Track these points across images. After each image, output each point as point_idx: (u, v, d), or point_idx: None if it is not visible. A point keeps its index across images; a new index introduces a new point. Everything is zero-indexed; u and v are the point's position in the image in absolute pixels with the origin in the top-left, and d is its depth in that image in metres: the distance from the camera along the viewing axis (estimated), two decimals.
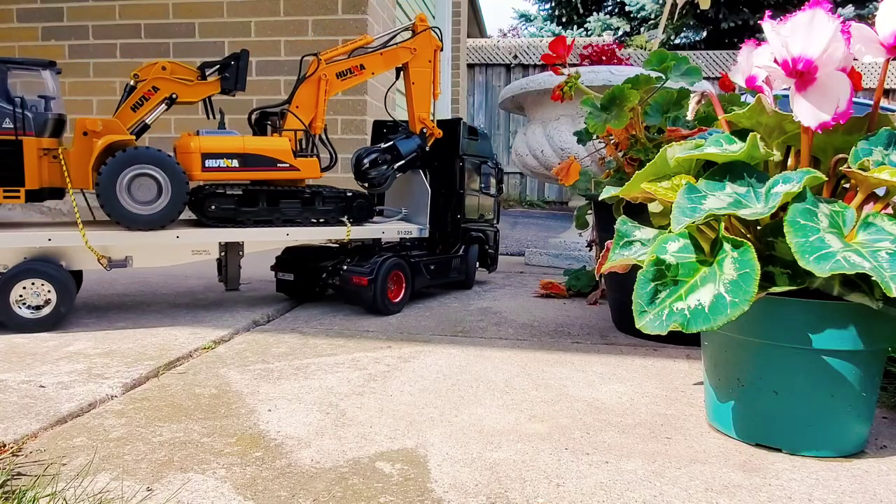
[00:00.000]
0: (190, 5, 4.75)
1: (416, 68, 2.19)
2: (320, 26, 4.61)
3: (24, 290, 1.64)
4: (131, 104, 1.85)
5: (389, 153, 2.14)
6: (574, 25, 13.19)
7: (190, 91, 1.95)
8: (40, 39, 4.97)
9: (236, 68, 1.95)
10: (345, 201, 2.07)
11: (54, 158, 1.77)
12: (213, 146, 1.89)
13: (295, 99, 2.00)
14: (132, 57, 4.85)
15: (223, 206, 1.90)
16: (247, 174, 1.93)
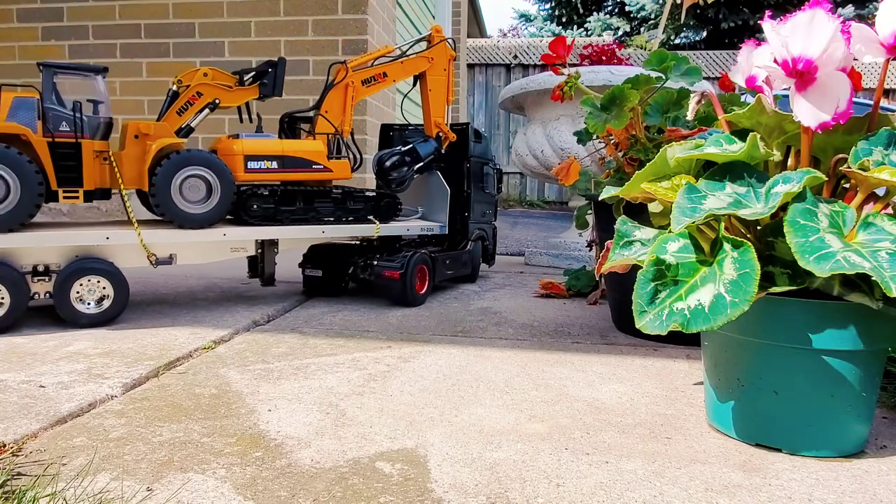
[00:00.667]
0: (190, 5, 4.75)
1: (433, 76, 2.32)
2: (320, 26, 4.61)
3: (81, 287, 1.71)
4: (177, 109, 1.94)
5: (409, 155, 2.28)
6: (574, 25, 13.19)
7: (230, 96, 2.04)
8: (40, 39, 4.97)
9: (274, 75, 2.04)
10: (373, 200, 2.21)
11: (104, 160, 1.84)
12: (255, 149, 1.99)
13: (324, 104, 2.11)
14: (132, 57, 4.85)
15: (264, 205, 2.00)
16: (285, 175, 2.04)
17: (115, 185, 1.85)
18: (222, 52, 4.74)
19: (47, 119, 1.74)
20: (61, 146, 1.76)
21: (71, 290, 1.69)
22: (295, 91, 4.62)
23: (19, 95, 1.70)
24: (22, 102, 1.70)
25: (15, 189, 1.65)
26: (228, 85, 2.03)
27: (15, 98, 1.70)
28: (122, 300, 1.76)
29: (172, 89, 1.96)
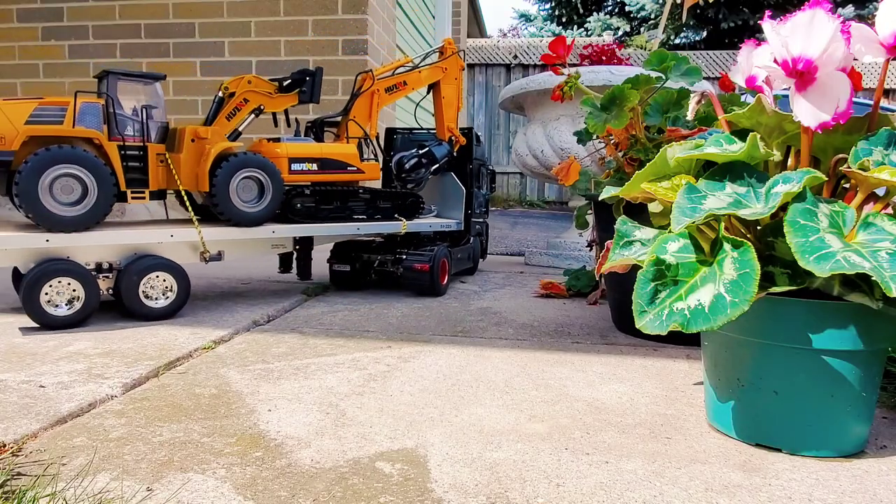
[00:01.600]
0: (190, 5, 4.75)
1: (446, 85, 2.53)
2: (320, 26, 4.61)
3: (148, 283, 1.81)
4: (226, 114, 2.04)
5: (426, 157, 2.45)
6: (574, 25, 13.19)
7: (273, 103, 2.15)
8: (40, 39, 4.97)
9: (312, 83, 2.16)
10: (400, 199, 2.38)
11: (161, 163, 1.94)
12: (297, 152, 2.13)
13: (353, 110, 2.27)
14: (132, 57, 4.85)
15: (306, 204, 2.17)
16: (323, 176, 2.19)
17: (171, 186, 1.96)
18: (222, 52, 4.74)
19: (115, 124, 1.83)
20: (130, 149, 1.87)
21: (140, 286, 1.78)
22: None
23: (87, 101, 1.77)
24: (89, 108, 1.78)
25: (92, 190, 1.73)
26: (270, 92, 2.13)
27: (83, 104, 1.77)
28: (184, 294, 1.86)
29: (219, 95, 2.06)
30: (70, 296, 1.69)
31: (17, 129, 1.68)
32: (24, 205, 1.66)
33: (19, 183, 1.64)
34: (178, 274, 1.85)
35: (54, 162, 1.67)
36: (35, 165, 1.64)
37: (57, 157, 1.67)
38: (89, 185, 1.73)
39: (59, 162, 1.67)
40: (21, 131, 1.68)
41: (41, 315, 1.66)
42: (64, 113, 1.75)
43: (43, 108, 1.73)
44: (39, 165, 1.65)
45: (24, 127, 1.69)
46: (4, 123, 1.67)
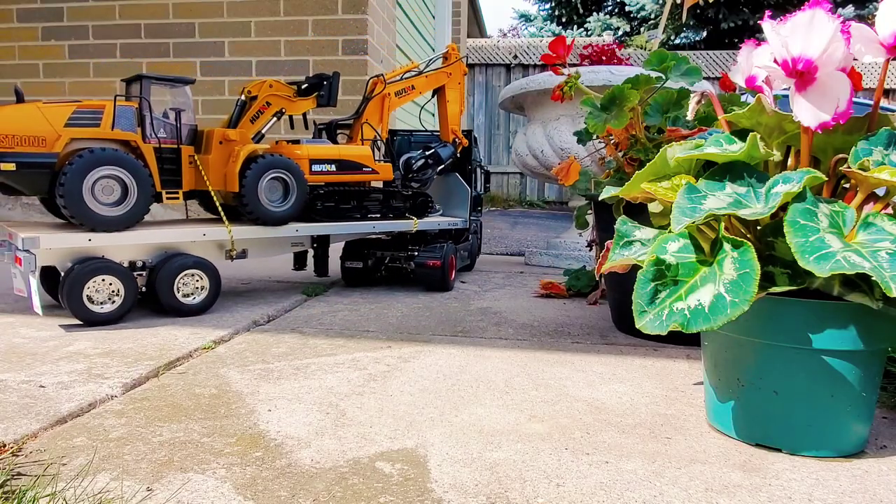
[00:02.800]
0: (190, 5, 4.75)
1: (450, 89, 2.63)
2: (320, 26, 4.61)
3: (182, 281, 1.87)
4: (250, 117, 2.11)
5: (432, 158, 2.56)
6: (574, 25, 13.19)
7: (294, 106, 2.22)
8: (40, 39, 4.97)
9: (329, 87, 2.23)
10: (411, 199, 2.48)
11: (190, 164, 2.01)
12: (317, 153, 2.20)
13: (365, 113, 2.35)
14: (132, 57, 4.85)
15: (326, 203, 2.26)
16: (341, 177, 2.27)
17: (200, 187, 2.03)
18: (222, 52, 4.74)
19: (149, 126, 1.90)
20: (165, 151, 1.94)
21: (174, 283, 1.84)
22: None
23: (121, 105, 1.84)
24: (123, 111, 1.84)
25: (132, 191, 1.80)
26: (290, 95, 2.20)
27: (118, 107, 1.83)
28: (215, 290, 1.93)
29: (241, 99, 2.12)
30: (110, 293, 1.75)
31: (57, 132, 1.74)
32: (69, 205, 1.70)
33: (65, 184, 1.68)
34: (210, 271, 1.92)
35: (98, 164, 1.72)
36: (80, 167, 1.70)
37: (100, 159, 1.73)
38: (129, 186, 1.79)
39: (102, 164, 1.73)
40: (64, 134, 1.74)
41: (84, 312, 1.70)
42: (101, 116, 1.80)
43: (81, 111, 1.78)
44: (84, 167, 1.70)
45: (64, 129, 1.74)
46: (45, 126, 1.73)
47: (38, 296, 1.67)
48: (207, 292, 1.91)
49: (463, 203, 2.74)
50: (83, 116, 1.78)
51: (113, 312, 1.74)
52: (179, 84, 1.99)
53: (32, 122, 1.72)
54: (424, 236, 2.54)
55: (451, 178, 2.75)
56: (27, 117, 1.72)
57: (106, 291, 1.74)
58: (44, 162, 1.72)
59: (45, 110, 1.75)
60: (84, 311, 1.70)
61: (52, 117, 1.74)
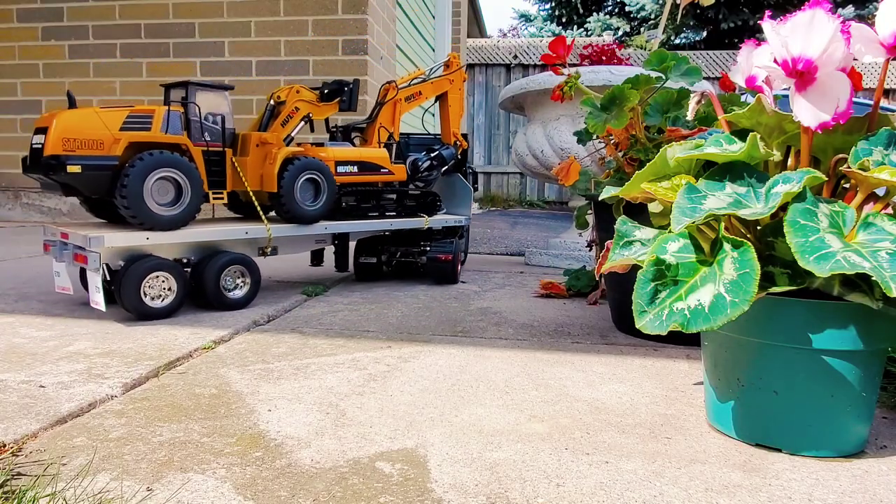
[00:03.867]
0: (190, 5, 4.75)
1: (452, 95, 2.78)
2: (320, 26, 4.61)
3: (226, 276, 1.97)
4: (280, 121, 2.21)
5: (437, 160, 2.69)
6: (574, 25, 13.19)
7: (318, 111, 2.32)
8: (40, 39, 4.97)
9: (350, 93, 2.34)
10: (422, 198, 2.62)
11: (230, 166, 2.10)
12: (342, 155, 2.32)
13: (379, 118, 2.48)
14: (132, 57, 4.85)
15: (350, 202, 2.40)
16: (362, 177, 2.39)
17: (238, 187, 2.12)
18: (222, 52, 4.74)
19: (195, 130, 2.00)
20: (212, 154, 2.04)
21: (221, 278, 1.93)
22: None
23: (170, 109, 1.93)
24: (171, 115, 1.93)
25: (186, 191, 1.89)
26: (314, 101, 2.30)
27: (165, 112, 1.91)
28: (255, 285, 2.03)
29: (271, 104, 2.22)
30: (162, 289, 1.83)
31: (114, 136, 1.82)
32: (131, 205, 1.78)
33: (127, 185, 1.76)
34: (251, 267, 2.02)
35: (157, 166, 1.82)
36: (140, 169, 1.79)
37: (159, 162, 1.82)
38: (184, 187, 1.88)
39: (160, 166, 1.82)
40: (122, 138, 1.82)
41: (142, 308, 1.78)
42: (151, 120, 1.89)
43: (134, 116, 1.87)
44: (144, 169, 1.79)
45: (119, 133, 1.83)
46: (103, 130, 1.81)
47: (102, 293, 1.73)
48: (249, 287, 2.01)
49: (465, 202, 2.87)
50: (136, 120, 1.87)
51: (166, 307, 1.82)
52: (221, 90, 2.10)
53: (91, 126, 1.80)
54: (431, 233, 2.67)
55: (452, 179, 2.89)
56: (86, 121, 1.81)
57: (159, 287, 1.82)
58: (106, 164, 1.80)
59: (102, 115, 1.83)
60: (141, 306, 1.77)
61: (108, 121, 1.83)
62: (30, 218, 5.09)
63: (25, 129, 5.03)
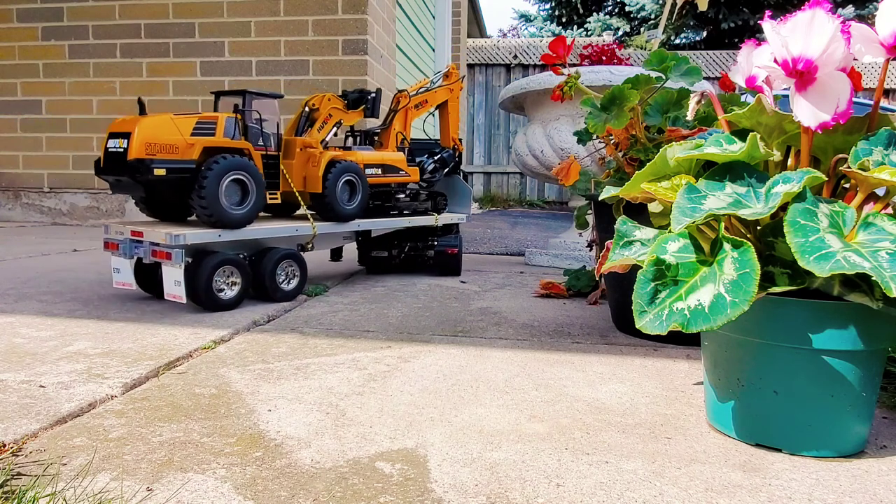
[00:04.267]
0: (190, 5, 4.74)
1: (452, 103, 2.99)
2: (320, 26, 4.61)
3: (281, 270, 2.12)
4: (317, 127, 2.36)
5: (439, 162, 2.93)
6: (574, 25, 13.20)
7: (347, 118, 2.49)
8: (40, 39, 4.97)
9: (373, 101, 2.53)
10: (431, 197, 2.83)
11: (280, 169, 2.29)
12: (370, 159, 2.51)
13: (393, 124, 2.67)
14: (132, 57, 4.85)
15: (375, 202, 2.58)
16: (384, 178, 2.58)
17: (284, 188, 2.27)
18: (222, 52, 4.74)
19: (253, 136, 2.15)
20: (268, 157, 2.22)
21: (276, 271, 2.09)
22: (295, 91, 4.62)
23: (229, 116, 2.07)
24: (230, 122, 2.07)
25: (252, 192, 2.03)
26: (343, 108, 2.46)
27: (226, 118, 2.05)
28: (304, 278, 2.19)
29: (306, 110, 2.38)
30: (228, 282, 1.97)
31: (187, 141, 1.95)
32: (209, 205, 1.92)
33: (206, 186, 1.90)
34: (300, 261, 2.18)
35: (230, 169, 1.96)
36: (217, 171, 1.93)
37: (231, 165, 1.97)
38: (250, 188, 2.03)
39: (232, 169, 1.97)
40: (195, 142, 1.96)
41: (213, 300, 1.91)
42: (215, 126, 2.03)
43: (202, 122, 2.00)
44: (220, 171, 1.93)
45: (191, 138, 1.96)
46: (177, 135, 1.94)
47: (185, 286, 1.85)
48: (298, 279, 2.17)
49: (464, 201, 3.08)
50: (204, 126, 2.00)
51: (233, 299, 1.97)
52: (273, 98, 2.26)
53: (168, 131, 1.93)
54: (435, 229, 2.85)
55: (453, 180, 3.08)
56: (164, 127, 1.93)
57: (225, 281, 1.96)
58: (186, 167, 1.93)
59: (177, 121, 1.96)
60: (212, 298, 1.91)
61: (181, 127, 1.96)
62: (30, 218, 5.09)
63: (25, 129, 5.03)
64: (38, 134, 5.02)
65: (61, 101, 4.98)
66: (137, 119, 1.93)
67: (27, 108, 5.01)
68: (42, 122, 5.01)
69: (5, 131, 5.06)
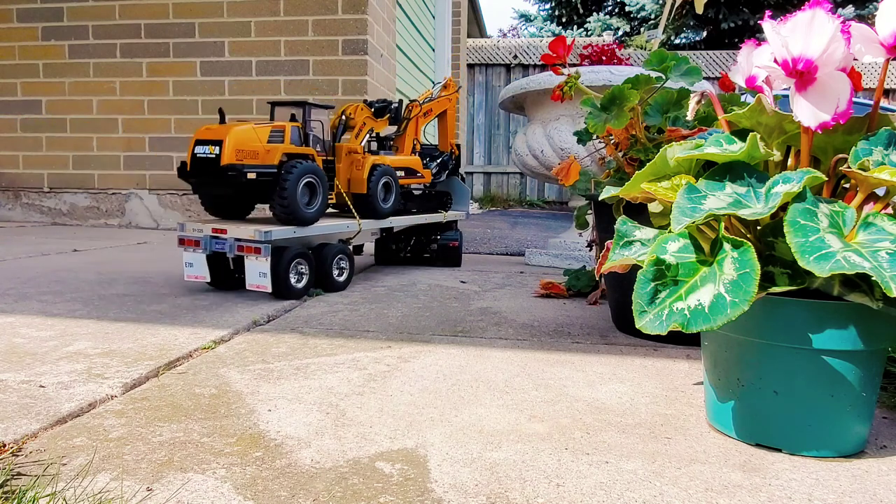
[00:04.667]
0: (190, 5, 4.74)
1: (450, 111, 3.27)
2: (320, 26, 4.61)
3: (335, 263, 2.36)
4: (355, 135, 2.60)
5: (440, 165, 3.19)
6: (574, 25, 13.20)
7: (376, 126, 2.72)
8: (40, 39, 4.97)
9: (396, 111, 2.77)
10: (440, 197, 3.15)
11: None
12: (397, 162, 2.77)
13: (407, 131, 2.91)
14: (132, 57, 4.85)
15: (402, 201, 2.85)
16: (406, 180, 2.86)
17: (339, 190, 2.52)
18: (222, 52, 4.74)
19: (313, 143, 2.38)
20: (326, 162, 2.45)
21: (333, 264, 2.34)
22: (295, 91, 4.62)
23: (293, 125, 2.29)
24: (294, 130, 2.29)
25: (319, 193, 2.28)
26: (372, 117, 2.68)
27: (291, 127, 2.28)
28: (352, 271, 2.45)
29: (343, 118, 2.59)
30: (298, 273, 2.19)
31: (265, 147, 2.17)
32: (289, 205, 2.15)
33: (287, 188, 2.13)
34: (349, 256, 2.44)
35: (305, 172, 2.20)
36: (296, 174, 2.16)
37: (306, 169, 2.21)
38: (318, 190, 2.27)
39: (307, 172, 2.21)
40: (271, 149, 2.18)
41: (288, 289, 2.13)
42: (283, 134, 2.24)
43: (274, 131, 2.22)
44: (298, 175, 2.17)
45: (268, 145, 2.18)
46: (258, 143, 2.17)
47: (269, 276, 2.07)
48: (348, 272, 2.43)
49: (463, 200, 3.30)
50: (277, 134, 2.22)
51: (302, 288, 2.19)
52: (326, 109, 2.49)
53: (251, 139, 2.15)
54: (439, 225, 3.11)
55: (452, 181, 3.32)
56: (248, 135, 2.15)
57: (296, 272, 2.17)
58: (270, 171, 2.15)
59: (257, 130, 2.18)
60: (288, 287, 2.12)
61: (260, 135, 2.18)
62: (30, 218, 5.09)
63: (25, 129, 5.03)
64: (38, 134, 5.02)
65: (61, 101, 4.97)
66: (228, 128, 2.12)
67: (27, 108, 5.01)
68: (42, 122, 5.01)
69: (5, 131, 5.06)
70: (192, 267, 2.19)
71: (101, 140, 4.95)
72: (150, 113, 4.86)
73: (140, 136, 4.90)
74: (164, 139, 4.86)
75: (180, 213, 4.88)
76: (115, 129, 4.92)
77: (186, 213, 4.87)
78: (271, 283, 2.08)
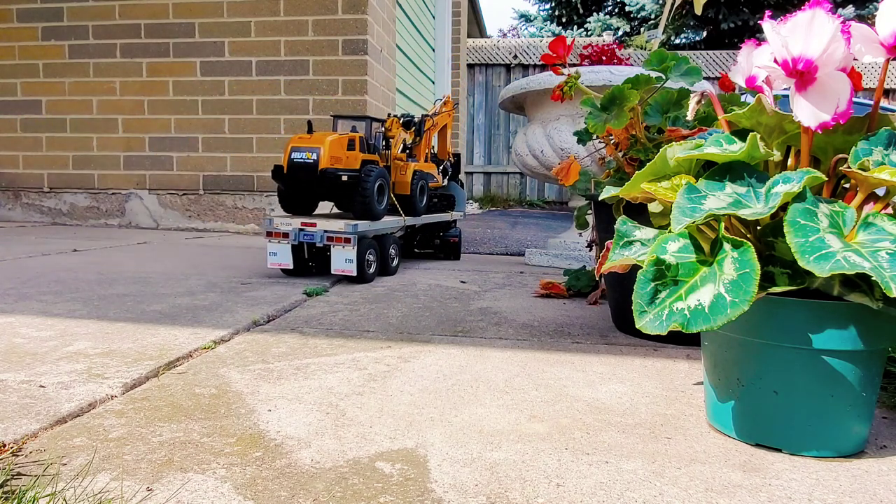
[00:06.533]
0: (190, 5, 4.74)
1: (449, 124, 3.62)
2: (320, 26, 4.61)
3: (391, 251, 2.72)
4: (396, 146, 2.93)
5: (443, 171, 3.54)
6: (574, 25, 13.20)
7: (407, 137, 3.09)
8: (40, 39, 4.97)
9: (419, 124, 3.15)
10: (445, 199, 3.48)
11: None
12: (425, 168, 3.16)
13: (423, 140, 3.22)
14: (132, 57, 4.85)
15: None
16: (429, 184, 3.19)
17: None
18: (222, 52, 4.74)
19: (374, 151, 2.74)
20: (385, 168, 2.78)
21: (389, 253, 2.72)
22: (295, 91, 4.62)
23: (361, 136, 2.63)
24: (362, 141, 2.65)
25: (386, 193, 2.68)
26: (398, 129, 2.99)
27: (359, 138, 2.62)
28: (400, 259, 2.85)
29: (382, 131, 2.91)
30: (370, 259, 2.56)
31: (346, 154, 2.54)
32: (368, 203, 2.51)
33: (367, 188, 2.50)
34: (399, 245, 2.85)
35: (379, 176, 2.58)
36: (374, 177, 2.53)
37: (380, 173, 2.58)
38: (386, 190, 2.66)
39: (380, 176, 2.59)
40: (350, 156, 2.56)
41: (363, 273, 2.51)
42: (355, 143, 2.60)
43: (350, 141, 2.57)
44: (376, 177, 2.54)
45: (348, 153, 2.55)
46: (342, 151, 2.53)
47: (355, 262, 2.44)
48: (398, 259, 2.83)
49: (461, 201, 3.65)
50: (352, 144, 2.57)
51: (373, 273, 2.61)
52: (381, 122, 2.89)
53: (337, 147, 2.51)
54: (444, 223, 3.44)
55: (451, 185, 3.66)
56: (336, 144, 2.50)
57: (369, 259, 2.55)
58: (356, 175, 2.51)
59: (340, 140, 2.52)
60: (363, 272, 2.50)
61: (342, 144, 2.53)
62: (30, 218, 5.09)
63: (25, 129, 5.03)
64: (38, 134, 5.02)
65: (61, 101, 4.97)
66: (321, 137, 2.49)
67: (27, 108, 5.01)
68: (42, 122, 5.01)
69: (5, 131, 5.06)
70: (276, 256, 2.50)
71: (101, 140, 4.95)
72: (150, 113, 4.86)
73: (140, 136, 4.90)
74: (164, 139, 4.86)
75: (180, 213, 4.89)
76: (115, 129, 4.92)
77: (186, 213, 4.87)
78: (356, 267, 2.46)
